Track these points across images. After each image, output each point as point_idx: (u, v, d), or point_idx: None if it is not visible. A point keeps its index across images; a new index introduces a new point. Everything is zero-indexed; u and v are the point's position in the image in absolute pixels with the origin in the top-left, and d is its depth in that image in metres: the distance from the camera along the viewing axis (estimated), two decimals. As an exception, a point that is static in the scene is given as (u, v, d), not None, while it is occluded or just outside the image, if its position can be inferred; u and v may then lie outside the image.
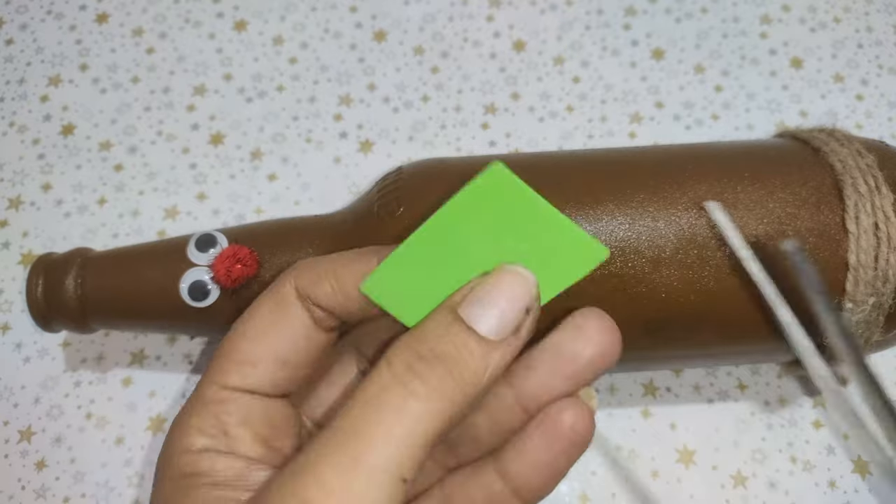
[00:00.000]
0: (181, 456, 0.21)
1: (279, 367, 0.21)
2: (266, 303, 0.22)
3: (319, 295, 0.21)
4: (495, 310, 0.20)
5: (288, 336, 0.22)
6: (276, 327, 0.22)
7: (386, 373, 0.18)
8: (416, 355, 0.19)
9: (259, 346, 0.21)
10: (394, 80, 0.41)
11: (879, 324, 0.27)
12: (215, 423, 0.21)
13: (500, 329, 0.19)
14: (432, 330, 0.19)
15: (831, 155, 0.27)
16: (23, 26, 0.42)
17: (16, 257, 0.37)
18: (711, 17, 0.42)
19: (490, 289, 0.20)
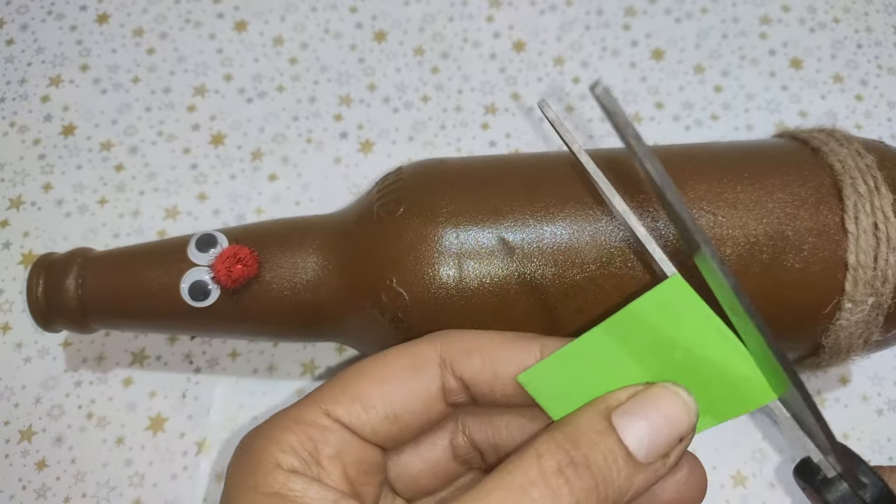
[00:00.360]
0: (272, 471, 0.20)
1: (389, 420, 0.21)
2: (404, 354, 0.22)
3: (466, 368, 0.21)
4: (649, 429, 0.19)
5: (410, 395, 0.21)
6: (402, 382, 0.21)
7: (535, 467, 0.18)
8: (569, 459, 0.18)
9: (379, 392, 0.21)
10: (394, 81, 0.41)
11: (879, 323, 0.27)
12: (310, 448, 0.20)
13: (649, 451, 0.19)
14: (585, 433, 0.19)
15: (831, 155, 0.27)
16: (23, 26, 0.42)
17: (16, 257, 0.37)
18: (711, 17, 0.42)
19: (649, 404, 0.19)
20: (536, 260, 0.26)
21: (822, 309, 0.26)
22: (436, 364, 0.21)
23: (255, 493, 0.20)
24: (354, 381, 0.21)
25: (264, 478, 0.20)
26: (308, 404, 0.21)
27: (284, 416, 0.21)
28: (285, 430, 0.20)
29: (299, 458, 0.20)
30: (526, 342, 0.21)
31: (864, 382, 0.35)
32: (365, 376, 0.21)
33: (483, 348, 0.21)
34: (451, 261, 0.26)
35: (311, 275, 0.29)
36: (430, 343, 0.22)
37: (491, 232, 0.27)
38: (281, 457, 0.20)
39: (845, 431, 0.34)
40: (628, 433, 0.19)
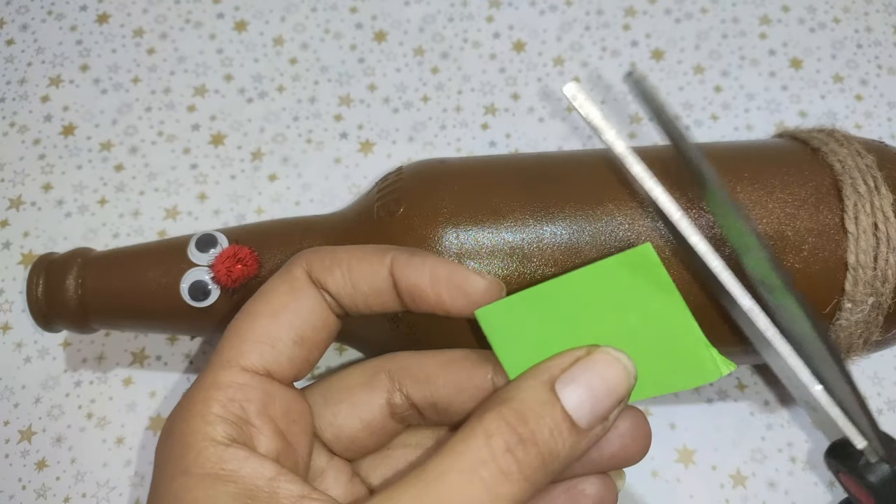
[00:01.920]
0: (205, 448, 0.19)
1: (297, 345, 0.21)
2: (279, 284, 0.22)
3: (329, 283, 0.22)
4: (591, 396, 0.20)
5: (304, 315, 0.22)
6: (291, 307, 0.22)
7: (484, 448, 0.18)
8: (517, 438, 0.18)
9: (276, 324, 0.21)
10: (394, 81, 0.41)
11: (879, 324, 0.27)
12: (236, 409, 0.20)
13: (591, 419, 0.20)
14: (531, 407, 0.19)
15: (830, 155, 0.27)
16: (24, 27, 0.42)
17: (16, 257, 0.37)
18: (711, 17, 0.42)
19: (590, 372, 0.20)
20: (536, 260, 0.26)
21: (822, 309, 0.26)
22: (309, 283, 0.22)
23: (186, 477, 0.19)
24: (249, 325, 0.21)
25: (195, 457, 0.19)
26: (219, 367, 0.21)
27: (200, 387, 0.20)
28: (207, 400, 0.20)
29: (228, 423, 0.19)
30: (379, 254, 0.22)
31: (864, 382, 0.35)
32: (257, 316, 0.22)
33: (342, 261, 0.22)
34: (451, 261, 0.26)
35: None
36: (297, 263, 0.22)
37: (491, 232, 0.27)
38: (210, 429, 0.19)
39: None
40: (571, 401, 0.19)
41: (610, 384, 0.20)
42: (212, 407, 0.20)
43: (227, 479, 0.18)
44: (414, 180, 0.29)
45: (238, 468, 0.19)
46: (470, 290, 0.21)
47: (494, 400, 0.20)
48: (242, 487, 0.18)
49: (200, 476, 0.18)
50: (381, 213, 0.28)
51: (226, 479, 0.18)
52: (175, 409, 0.21)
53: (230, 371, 0.20)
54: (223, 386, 0.20)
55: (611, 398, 0.20)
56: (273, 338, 0.21)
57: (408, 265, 0.21)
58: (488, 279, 0.21)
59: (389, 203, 0.28)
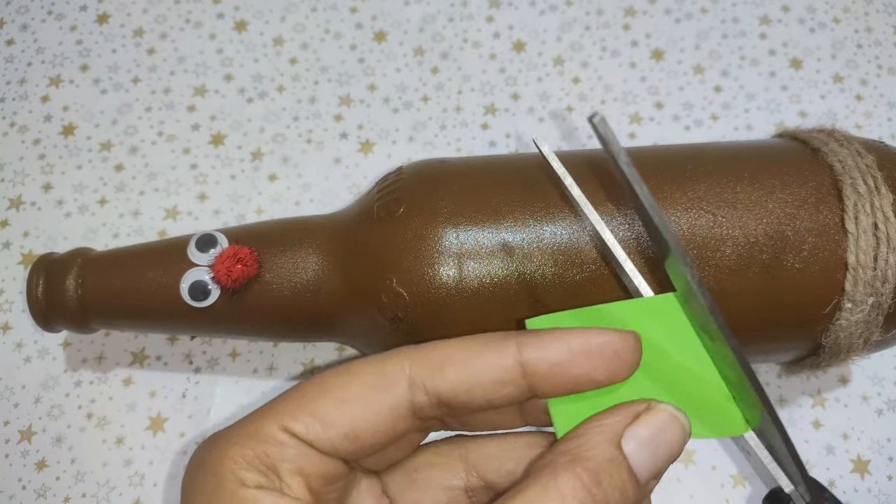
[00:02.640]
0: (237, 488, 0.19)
1: (349, 440, 0.20)
2: (367, 371, 0.21)
3: (440, 383, 0.20)
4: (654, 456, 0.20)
5: (374, 415, 0.20)
6: (365, 401, 0.20)
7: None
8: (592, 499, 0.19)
9: (339, 411, 0.20)
10: (394, 81, 0.41)
11: (878, 324, 0.27)
12: (268, 463, 0.20)
13: (650, 475, 0.20)
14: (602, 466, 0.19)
15: (830, 155, 0.27)
16: (24, 27, 0.42)
17: (16, 257, 0.37)
18: (711, 17, 0.42)
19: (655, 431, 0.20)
20: (536, 260, 0.26)
21: (822, 309, 0.26)
22: (403, 383, 0.20)
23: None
24: (313, 396, 0.20)
25: (231, 497, 0.19)
26: (264, 418, 0.20)
27: (238, 432, 0.20)
28: (240, 447, 0.20)
29: (259, 472, 0.19)
30: (500, 342, 0.21)
31: (864, 382, 0.35)
32: (326, 393, 0.21)
33: (455, 358, 0.20)
34: (451, 261, 0.26)
35: (312, 275, 0.29)
36: (397, 361, 0.21)
37: (491, 232, 0.27)
38: (242, 474, 0.19)
39: (845, 431, 0.34)
40: (636, 460, 0.20)
41: (670, 444, 0.20)
42: (245, 453, 0.20)
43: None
44: (414, 180, 0.29)
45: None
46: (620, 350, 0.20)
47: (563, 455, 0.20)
48: None
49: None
50: (381, 213, 0.28)
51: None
52: (209, 442, 0.21)
53: (273, 427, 0.20)
54: (260, 438, 0.20)
55: (669, 454, 0.20)
56: (327, 422, 0.20)
57: (540, 346, 0.20)
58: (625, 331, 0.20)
59: (389, 203, 0.28)
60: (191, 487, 0.20)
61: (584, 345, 0.20)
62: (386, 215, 0.28)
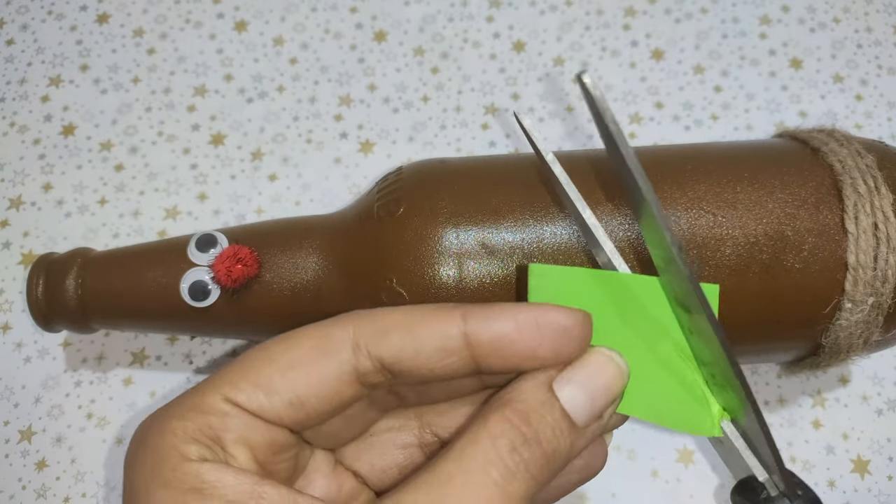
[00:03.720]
0: (180, 463, 0.19)
1: (294, 407, 0.20)
2: (311, 336, 0.21)
3: (384, 348, 0.20)
4: (587, 396, 0.20)
5: (318, 380, 0.20)
6: (309, 367, 0.20)
7: (491, 449, 0.19)
8: (522, 438, 0.19)
9: (283, 378, 0.20)
10: (394, 81, 0.41)
11: (878, 324, 0.27)
12: (211, 435, 0.19)
13: (588, 417, 0.20)
14: (533, 407, 0.20)
15: (830, 155, 0.27)
16: (24, 27, 0.42)
17: (16, 257, 0.37)
18: (711, 17, 0.42)
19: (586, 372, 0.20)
20: (536, 260, 0.26)
21: (822, 309, 0.26)
22: (348, 347, 0.20)
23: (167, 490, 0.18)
24: (257, 365, 0.20)
25: (172, 472, 0.18)
26: (207, 390, 0.20)
27: (180, 405, 0.20)
28: (182, 420, 0.19)
29: (203, 445, 0.19)
30: (447, 311, 0.20)
31: (864, 382, 0.35)
32: (269, 361, 0.20)
33: (400, 325, 0.20)
34: (451, 261, 0.26)
35: (311, 275, 0.29)
36: (342, 325, 0.21)
37: (491, 232, 0.27)
38: (183, 448, 0.19)
39: (845, 431, 0.34)
40: (568, 401, 0.20)
41: (604, 383, 0.20)
42: (188, 428, 0.19)
43: (210, 494, 0.18)
44: (414, 180, 0.29)
45: (218, 480, 0.18)
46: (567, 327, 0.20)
47: (496, 402, 0.20)
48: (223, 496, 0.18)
49: (182, 491, 0.18)
50: (382, 213, 0.28)
51: (209, 493, 0.18)
52: (148, 420, 0.20)
53: (216, 397, 0.20)
54: (203, 410, 0.20)
55: (605, 397, 0.20)
56: (271, 389, 0.20)
57: (486, 318, 0.20)
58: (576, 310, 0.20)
59: (389, 203, 0.28)
60: (132, 464, 0.20)
61: (530, 319, 0.20)
62: (386, 215, 0.28)
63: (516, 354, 0.20)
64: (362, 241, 0.28)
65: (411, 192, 0.28)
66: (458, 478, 0.18)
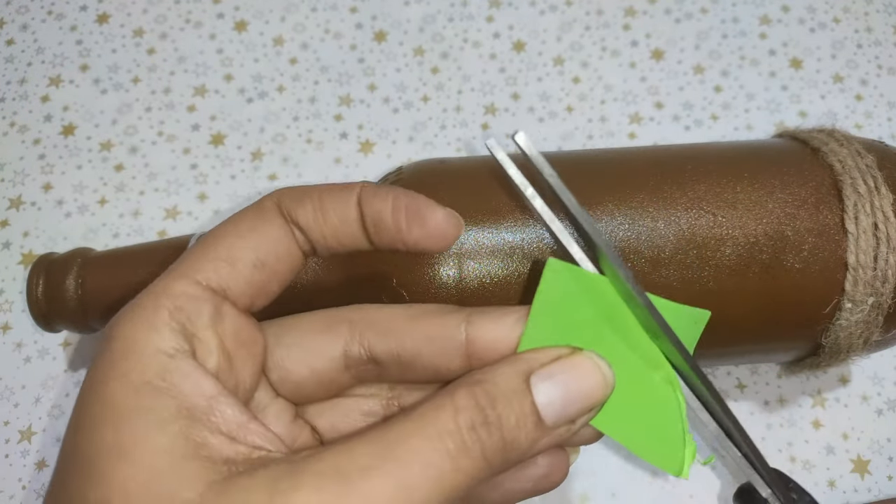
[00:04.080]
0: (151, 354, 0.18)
1: (256, 269, 0.21)
2: (248, 212, 0.22)
3: (299, 214, 0.21)
4: (564, 396, 0.20)
5: (268, 241, 0.21)
6: (256, 232, 0.21)
7: (452, 420, 0.18)
8: (483, 418, 0.19)
9: (238, 244, 0.21)
10: (394, 81, 0.41)
11: (878, 324, 0.27)
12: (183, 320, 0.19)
13: (558, 418, 0.20)
14: (503, 392, 0.19)
15: (830, 155, 0.27)
16: (24, 27, 0.42)
17: (16, 257, 0.37)
18: (711, 17, 0.42)
19: (569, 373, 0.20)
20: (537, 260, 0.26)
21: (822, 309, 0.26)
22: (278, 214, 0.21)
23: (122, 382, 0.18)
24: (211, 244, 0.21)
25: (136, 363, 0.18)
26: (173, 277, 0.20)
27: (150, 294, 0.20)
28: (157, 308, 0.19)
29: (175, 332, 0.19)
30: (349, 187, 0.22)
31: (864, 382, 0.35)
32: (219, 237, 0.21)
33: (312, 195, 0.21)
34: (451, 261, 0.26)
35: (311, 275, 0.29)
36: (268, 197, 0.22)
37: (491, 232, 0.27)
38: (156, 337, 0.18)
39: (845, 431, 0.34)
40: (542, 397, 0.19)
41: (585, 389, 0.20)
42: (160, 314, 0.19)
43: (165, 392, 0.18)
44: (414, 180, 0.29)
45: (178, 382, 0.18)
46: (427, 216, 0.21)
47: (468, 378, 0.20)
48: (180, 404, 0.18)
49: (138, 384, 0.18)
50: (381, 213, 0.28)
51: (164, 391, 0.18)
52: (121, 313, 0.20)
53: (183, 282, 0.20)
54: (173, 295, 0.19)
55: (583, 403, 0.20)
56: (233, 258, 0.21)
57: (374, 195, 0.21)
58: (447, 209, 0.21)
59: (389, 203, 0.28)
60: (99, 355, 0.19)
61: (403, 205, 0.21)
62: (386, 215, 0.28)
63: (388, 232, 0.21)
64: (362, 241, 0.28)
65: (411, 192, 0.28)
66: (412, 439, 0.18)
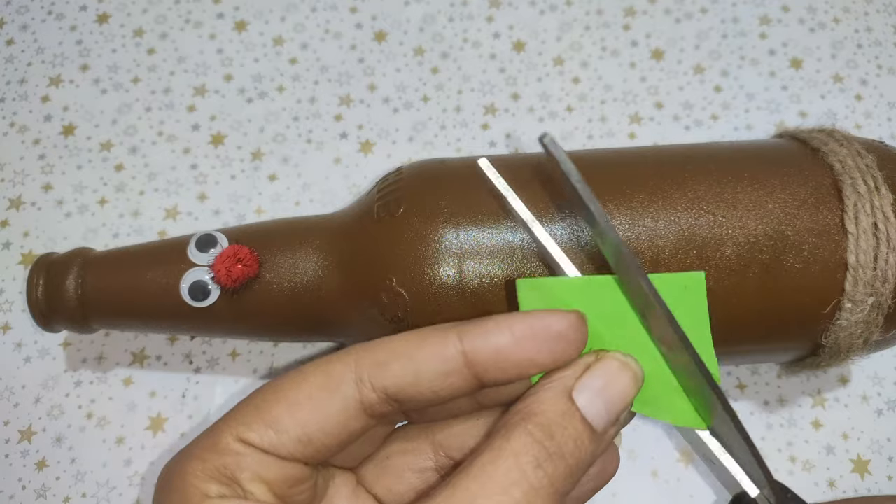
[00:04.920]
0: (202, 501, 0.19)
1: (302, 444, 0.21)
2: (316, 373, 0.21)
3: (386, 379, 0.21)
4: (606, 402, 0.20)
5: (324, 417, 0.21)
6: (315, 404, 0.21)
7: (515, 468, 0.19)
8: (546, 453, 0.19)
9: (290, 416, 0.21)
10: (394, 81, 0.41)
11: (878, 324, 0.27)
12: (228, 474, 0.20)
13: (606, 423, 0.20)
14: (554, 420, 0.20)
15: (831, 155, 0.27)
16: (24, 27, 0.42)
17: (16, 257, 0.37)
18: (711, 17, 0.42)
19: (603, 378, 0.21)
20: (536, 260, 0.26)
21: (822, 309, 0.26)
22: (350, 382, 0.21)
23: None
24: (268, 403, 0.21)
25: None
26: (220, 430, 0.21)
27: (198, 446, 0.21)
28: (200, 461, 0.20)
29: (221, 483, 0.20)
30: (442, 333, 0.21)
31: (864, 382, 0.35)
32: (278, 399, 0.21)
33: (399, 353, 0.21)
34: (451, 261, 0.26)
35: (312, 275, 0.29)
36: (344, 361, 0.21)
37: (491, 232, 0.27)
38: (204, 487, 0.20)
39: (845, 431, 0.34)
40: (588, 409, 0.20)
41: (621, 389, 0.21)
42: (206, 468, 0.20)
43: None
44: (414, 180, 0.29)
45: None
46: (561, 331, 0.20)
47: (516, 415, 0.20)
48: None
49: None
50: (382, 213, 0.28)
51: None
52: (174, 460, 0.21)
53: (228, 438, 0.20)
54: (218, 450, 0.20)
55: (623, 402, 0.21)
56: (280, 428, 0.20)
57: (482, 334, 0.20)
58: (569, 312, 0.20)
59: (390, 203, 0.28)
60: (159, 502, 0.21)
61: (526, 329, 0.20)
62: (386, 215, 0.28)
63: (516, 365, 0.20)
64: (362, 241, 0.28)
65: (411, 192, 0.28)
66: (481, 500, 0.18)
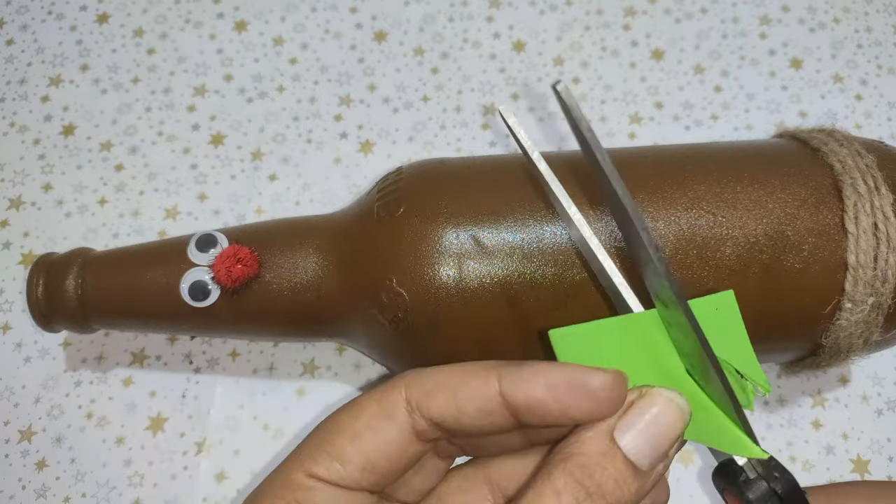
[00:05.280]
0: None
1: (367, 471, 0.22)
2: (371, 404, 0.22)
3: (431, 408, 0.21)
4: (650, 440, 0.20)
5: (384, 444, 0.22)
6: (373, 432, 0.22)
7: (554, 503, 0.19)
8: (586, 492, 0.19)
9: (353, 446, 0.22)
10: (394, 81, 0.41)
11: (878, 324, 0.27)
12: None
13: (651, 461, 0.20)
14: (594, 459, 0.20)
15: (831, 155, 0.27)
16: (24, 27, 0.42)
17: (16, 257, 0.37)
18: (711, 17, 0.42)
19: (646, 416, 0.20)
20: (536, 260, 0.26)
21: (822, 309, 0.26)
22: (403, 409, 0.22)
23: None
24: (330, 437, 0.22)
25: None
26: (290, 467, 0.22)
27: (271, 484, 0.22)
28: (275, 498, 0.21)
29: None
30: (484, 373, 0.22)
31: (864, 382, 0.35)
32: (339, 431, 0.22)
33: (444, 385, 0.22)
34: (451, 261, 0.26)
35: (312, 275, 0.29)
36: (396, 388, 0.22)
37: (491, 232, 0.27)
38: None
39: (845, 431, 0.34)
40: (631, 448, 0.20)
41: (666, 426, 0.20)
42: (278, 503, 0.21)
43: None
44: (414, 180, 0.29)
45: None
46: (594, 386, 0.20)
47: (558, 455, 0.20)
48: None
49: None
50: (382, 213, 0.28)
51: None
52: (253, 495, 0.22)
53: (299, 474, 0.22)
54: (291, 487, 0.22)
55: (670, 438, 0.20)
56: (345, 458, 0.22)
57: (518, 380, 0.21)
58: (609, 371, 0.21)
59: (390, 203, 0.28)
60: None
61: (559, 382, 0.20)
62: (386, 215, 0.28)
63: (550, 414, 0.21)
64: (362, 241, 0.28)
65: (411, 192, 0.28)
66: None
